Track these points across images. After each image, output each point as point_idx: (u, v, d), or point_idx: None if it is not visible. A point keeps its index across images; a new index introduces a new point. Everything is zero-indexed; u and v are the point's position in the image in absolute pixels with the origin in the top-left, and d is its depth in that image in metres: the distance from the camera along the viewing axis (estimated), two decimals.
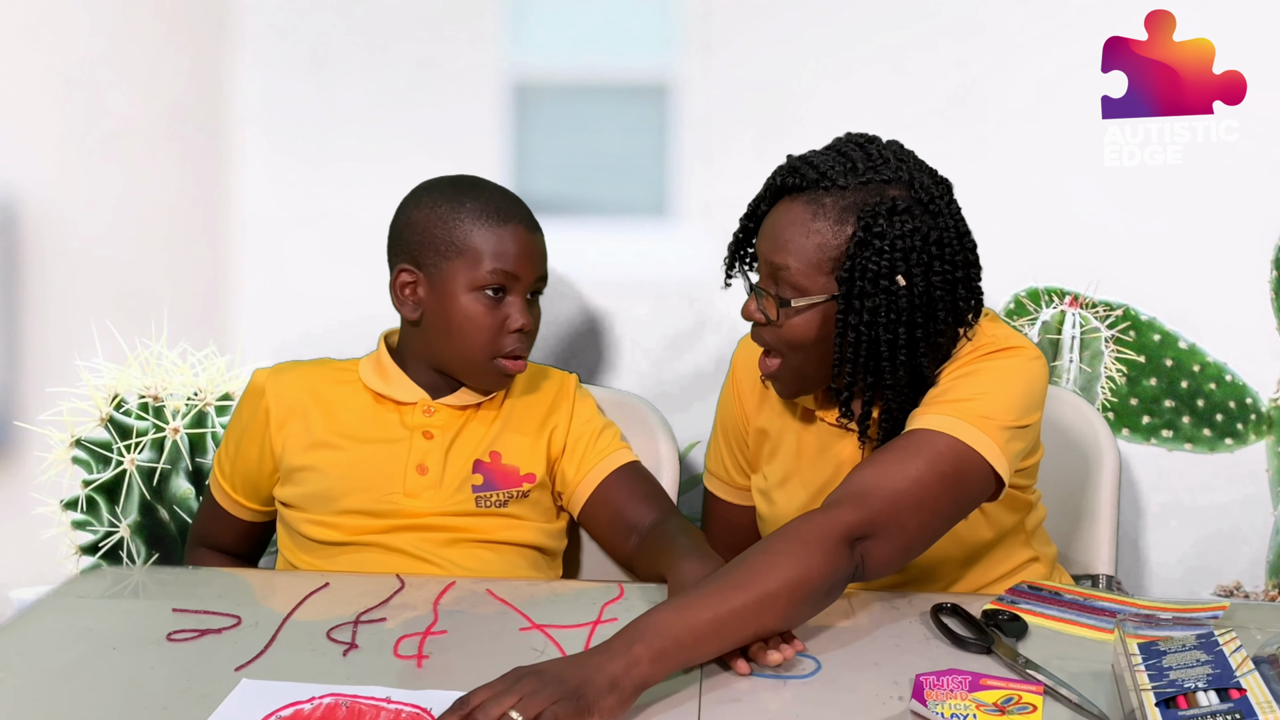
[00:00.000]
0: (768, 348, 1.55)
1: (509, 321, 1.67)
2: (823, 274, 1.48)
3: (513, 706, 1.13)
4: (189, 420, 2.13)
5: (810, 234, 1.48)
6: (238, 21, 2.12)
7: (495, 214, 1.67)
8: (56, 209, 2.13)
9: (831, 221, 1.47)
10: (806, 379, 1.55)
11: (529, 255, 1.69)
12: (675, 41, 2.12)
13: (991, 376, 1.48)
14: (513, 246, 1.67)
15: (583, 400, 1.81)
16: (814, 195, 1.49)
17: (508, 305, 1.67)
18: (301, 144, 2.15)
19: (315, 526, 1.68)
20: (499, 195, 1.71)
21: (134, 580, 1.69)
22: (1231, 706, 1.09)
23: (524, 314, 1.67)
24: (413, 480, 1.68)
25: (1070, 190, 2.07)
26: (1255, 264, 2.07)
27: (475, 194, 1.70)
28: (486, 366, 1.69)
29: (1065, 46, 2.04)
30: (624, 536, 1.72)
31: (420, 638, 1.35)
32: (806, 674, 1.29)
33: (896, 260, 1.44)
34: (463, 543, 1.68)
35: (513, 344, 1.68)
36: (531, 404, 1.78)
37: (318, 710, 1.17)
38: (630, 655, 1.20)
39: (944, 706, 1.17)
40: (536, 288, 1.73)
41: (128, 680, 1.26)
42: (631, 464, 1.77)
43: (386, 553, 1.66)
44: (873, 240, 1.44)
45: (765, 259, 1.52)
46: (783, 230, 1.50)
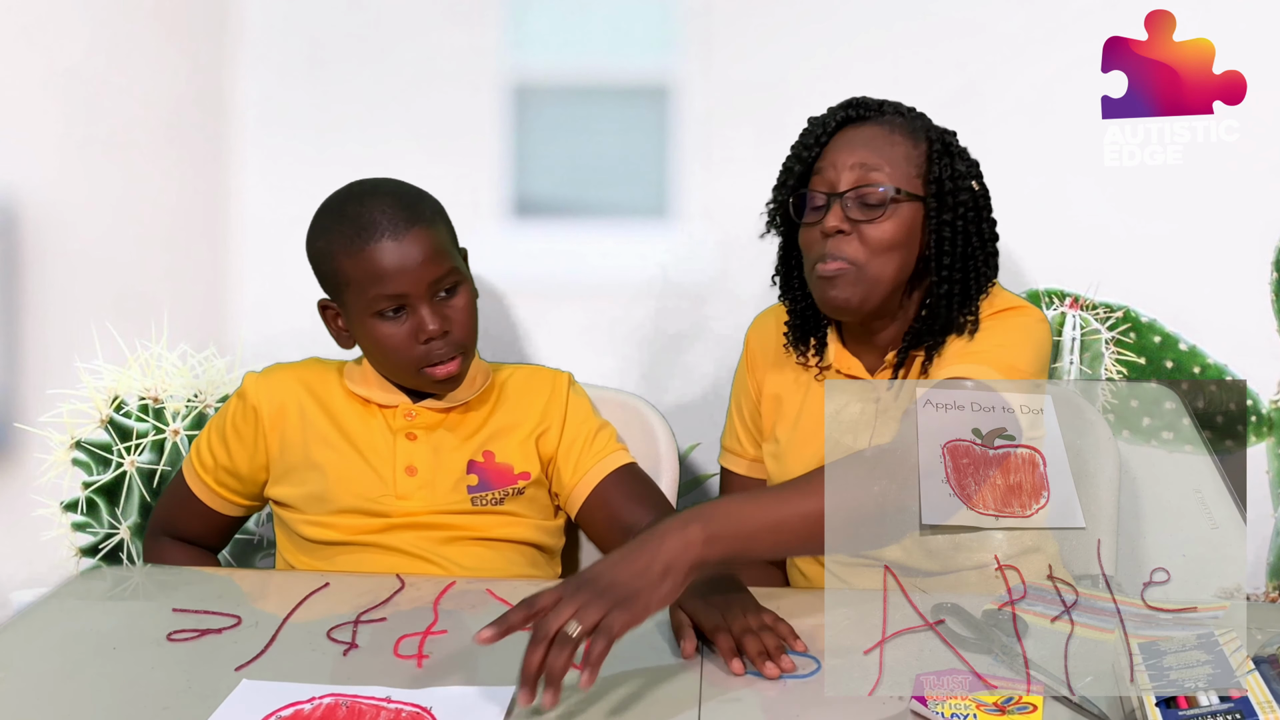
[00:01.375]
0: (845, 260, 1.60)
1: (419, 334, 1.62)
2: (909, 180, 1.61)
3: (571, 617, 1.17)
4: (189, 422, 2.12)
5: (893, 145, 1.62)
6: (237, 22, 2.12)
7: (355, 239, 1.61)
8: (56, 210, 2.13)
9: (907, 136, 1.63)
10: (872, 288, 1.61)
11: (405, 268, 1.60)
12: (675, 43, 2.12)
13: (1010, 330, 1.60)
14: (383, 267, 1.60)
15: (576, 399, 1.79)
16: (881, 120, 1.65)
17: (412, 318, 1.63)
18: (301, 145, 2.15)
19: (312, 527, 1.68)
20: (358, 213, 1.64)
21: (134, 581, 1.69)
22: (1232, 706, 1.09)
23: (433, 319, 1.62)
24: (403, 482, 1.68)
25: (1070, 191, 2.07)
26: (1256, 265, 2.07)
27: (338, 218, 1.65)
28: (419, 379, 1.67)
29: (1065, 46, 2.04)
30: (620, 539, 1.70)
31: (420, 637, 1.35)
32: (807, 674, 1.29)
33: (972, 167, 1.65)
34: (460, 540, 1.67)
35: (429, 353, 1.64)
36: (523, 404, 1.77)
37: (318, 710, 1.17)
38: (685, 535, 1.24)
39: (944, 706, 1.17)
40: (442, 287, 1.65)
41: (128, 680, 1.26)
42: (628, 466, 1.76)
43: (384, 552, 1.66)
44: (949, 150, 1.63)
45: (849, 170, 1.61)
46: (864, 144, 1.62)
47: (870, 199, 1.59)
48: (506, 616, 1.20)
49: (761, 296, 1.90)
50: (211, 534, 1.82)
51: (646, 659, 1.32)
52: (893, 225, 1.59)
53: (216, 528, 1.81)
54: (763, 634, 1.34)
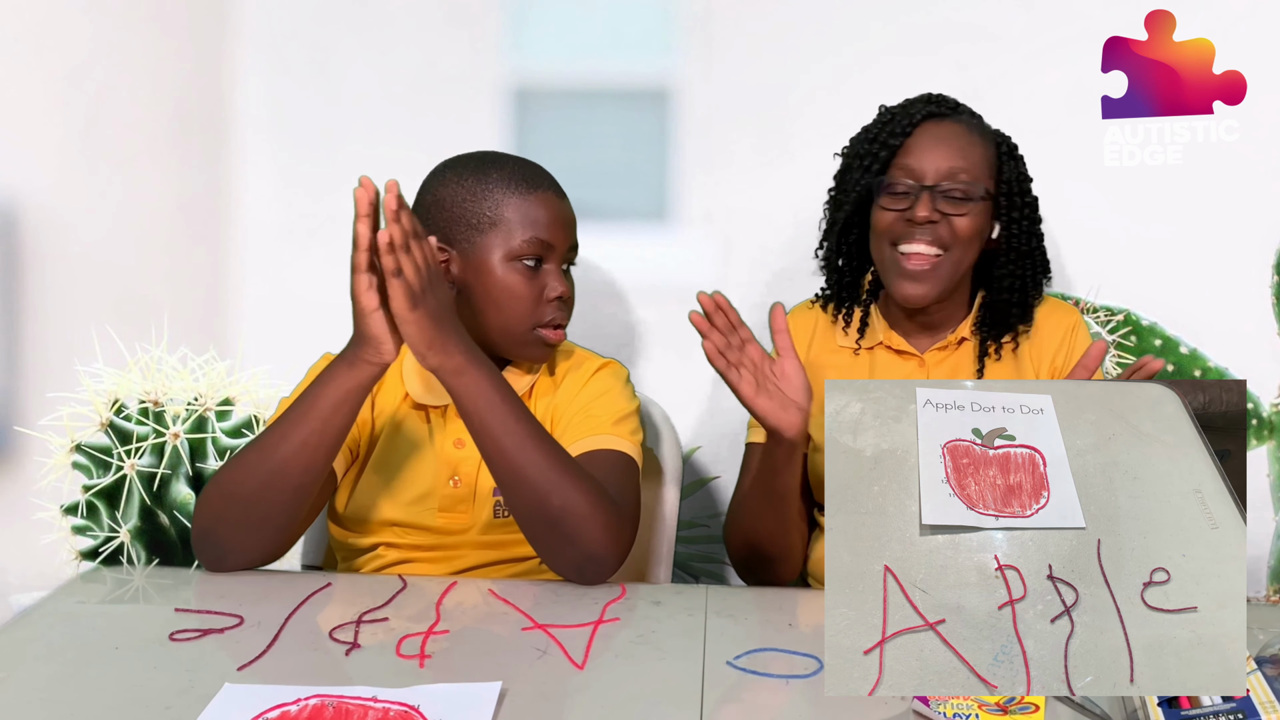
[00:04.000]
0: (937, 246, 1.73)
1: (547, 290, 1.64)
2: (986, 179, 1.74)
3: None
4: (189, 425, 2.12)
5: (973, 145, 1.74)
6: (238, 27, 2.13)
7: (524, 183, 1.65)
8: (57, 214, 2.14)
9: (982, 137, 1.76)
10: (950, 278, 1.75)
11: (561, 222, 1.66)
12: (676, 47, 2.13)
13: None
14: (545, 214, 1.64)
15: (600, 377, 1.72)
16: (959, 119, 1.77)
17: (545, 274, 1.65)
18: (302, 149, 2.16)
19: (354, 535, 1.68)
20: (525, 164, 1.69)
21: (134, 584, 1.69)
22: (1234, 706, 1.09)
23: (561, 282, 1.65)
24: (446, 494, 1.65)
25: (1071, 193, 2.07)
26: (1256, 269, 2.08)
27: (500, 165, 1.67)
28: (527, 337, 1.65)
29: (1065, 46, 2.04)
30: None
31: (422, 637, 1.35)
32: (809, 674, 1.29)
33: (1029, 174, 1.79)
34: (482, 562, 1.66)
35: (552, 313, 1.65)
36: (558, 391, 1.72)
37: (304, 711, 1.16)
38: None
39: (946, 706, 1.17)
40: (569, 257, 1.70)
41: (130, 679, 1.25)
42: (609, 452, 1.63)
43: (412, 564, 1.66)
44: (1014, 154, 1.79)
45: (940, 166, 1.72)
46: (951, 140, 1.74)
47: (957, 194, 1.72)
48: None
49: (762, 298, 1.90)
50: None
51: (648, 659, 1.32)
52: (972, 220, 1.72)
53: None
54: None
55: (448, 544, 1.65)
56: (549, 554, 1.52)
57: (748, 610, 1.51)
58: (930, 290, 1.74)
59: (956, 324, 1.81)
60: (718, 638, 1.37)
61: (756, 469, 1.69)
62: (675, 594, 1.52)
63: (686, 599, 1.50)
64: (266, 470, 1.49)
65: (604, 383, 1.72)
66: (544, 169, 1.70)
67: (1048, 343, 1.80)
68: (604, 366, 1.74)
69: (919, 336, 1.82)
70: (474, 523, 1.64)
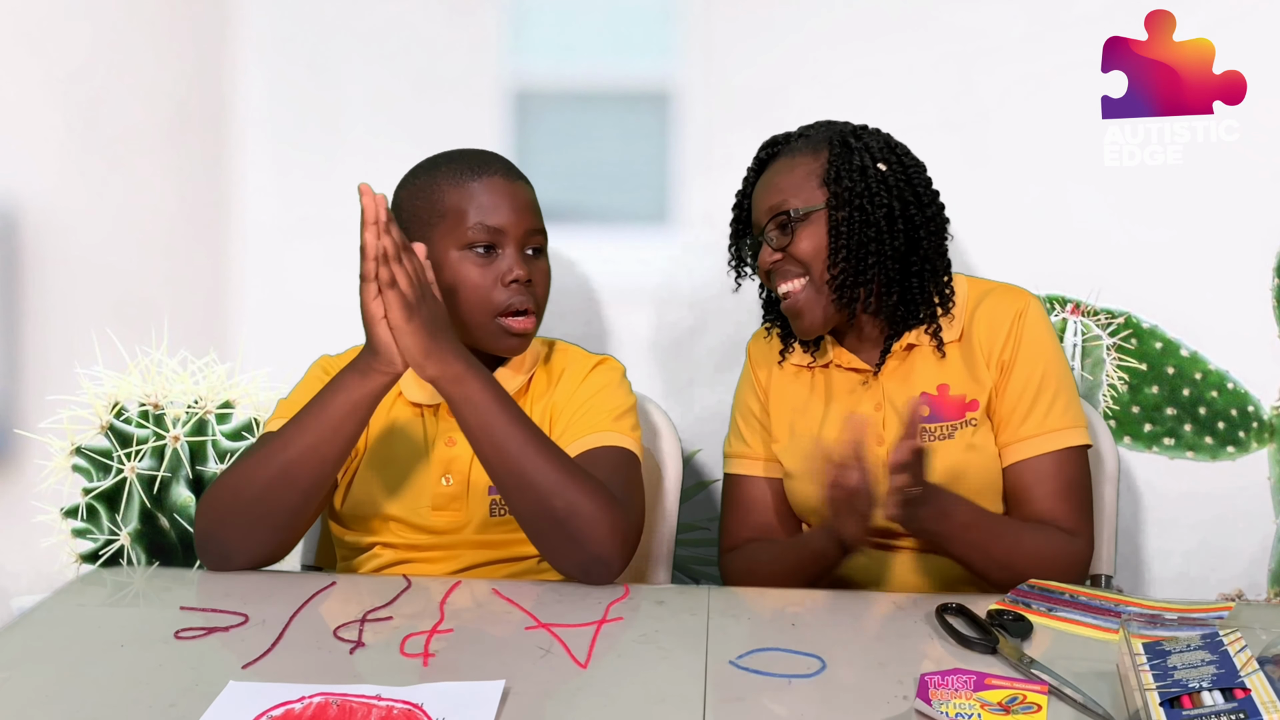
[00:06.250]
0: (789, 279, 1.70)
1: (504, 275, 1.61)
2: (814, 190, 1.68)
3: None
4: (189, 428, 2.13)
5: (794, 168, 1.70)
6: (238, 29, 2.13)
7: (467, 171, 1.63)
8: (57, 216, 2.14)
9: (807, 153, 1.70)
10: (821, 300, 1.68)
11: (511, 205, 1.63)
12: (676, 49, 2.13)
13: (1053, 360, 1.69)
14: (490, 199, 1.62)
15: (596, 374, 1.72)
16: (785, 150, 1.73)
17: (500, 259, 1.62)
18: (302, 152, 2.16)
19: (352, 534, 1.68)
20: (472, 154, 1.66)
21: (135, 586, 1.69)
22: (1236, 706, 1.08)
23: (520, 265, 1.61)
24: (439, 492, 1.65)
25: (1071, 195, 2.07)
26: (1257, 271, 2.08)
27: (448, 159, 1.66)
28: (491, 328, 1.62)
29: (1065, 47, 2.05)
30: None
31: (426, 636, 1.35)
32: (811, 674, 1.29)
33: (875, 153, 1.69)
34: (480, 561, 1.67)
35: (510, 297, 1.61)
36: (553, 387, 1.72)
37: (308, 709, 1.16)
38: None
39: (949, 706, 1.17)
40: (532, 242, 1.65)
41: (135, 677, 1.25)
42: (611, 449, 1.63)
43: (410, 564, 1.66)
44: (849, 146, 1.69)
45: (763, 208, 1.71)
46: (770, 180, 1.71)
47: (780, 225, 1.69)
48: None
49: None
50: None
51: (651, 658, 1.32)
52: (809, 237, 1.67)
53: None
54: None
55: (445, 543, 1.65)
56: (555, 556, 1.52)
57: (750, 610, 1.51)
58: (814, 318, 1.69)
59: (901, 331, 1.72)
60: (721, 637, 1.37)
61: (801, 557, 1.68)
62: (678, 594, 1.52)
63: (689, 599, 1.50)
64: (274, 472, 1.51)
65: (600, 379, 1.71)
66: (495, 155, 1.68)
67: (997, 332, 1.70)
68: (600, 363, 1.74)
69: (868, 350, 1.75)
70: (469, 520, 1.64)
